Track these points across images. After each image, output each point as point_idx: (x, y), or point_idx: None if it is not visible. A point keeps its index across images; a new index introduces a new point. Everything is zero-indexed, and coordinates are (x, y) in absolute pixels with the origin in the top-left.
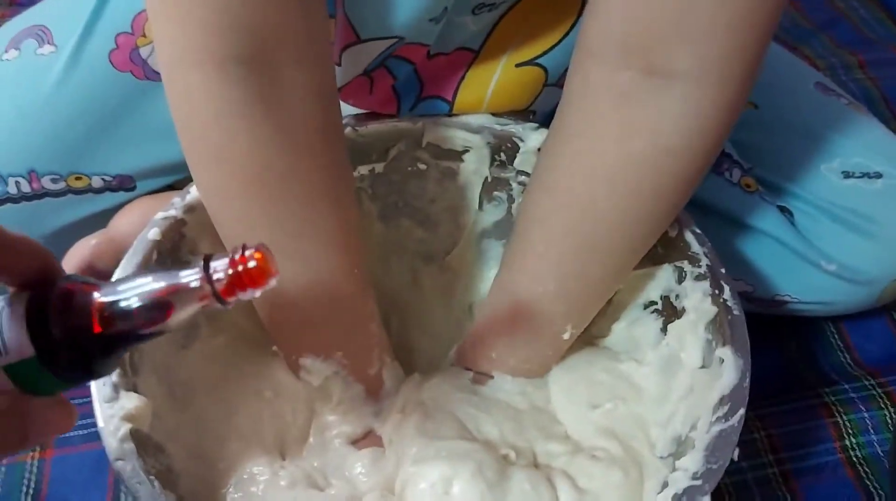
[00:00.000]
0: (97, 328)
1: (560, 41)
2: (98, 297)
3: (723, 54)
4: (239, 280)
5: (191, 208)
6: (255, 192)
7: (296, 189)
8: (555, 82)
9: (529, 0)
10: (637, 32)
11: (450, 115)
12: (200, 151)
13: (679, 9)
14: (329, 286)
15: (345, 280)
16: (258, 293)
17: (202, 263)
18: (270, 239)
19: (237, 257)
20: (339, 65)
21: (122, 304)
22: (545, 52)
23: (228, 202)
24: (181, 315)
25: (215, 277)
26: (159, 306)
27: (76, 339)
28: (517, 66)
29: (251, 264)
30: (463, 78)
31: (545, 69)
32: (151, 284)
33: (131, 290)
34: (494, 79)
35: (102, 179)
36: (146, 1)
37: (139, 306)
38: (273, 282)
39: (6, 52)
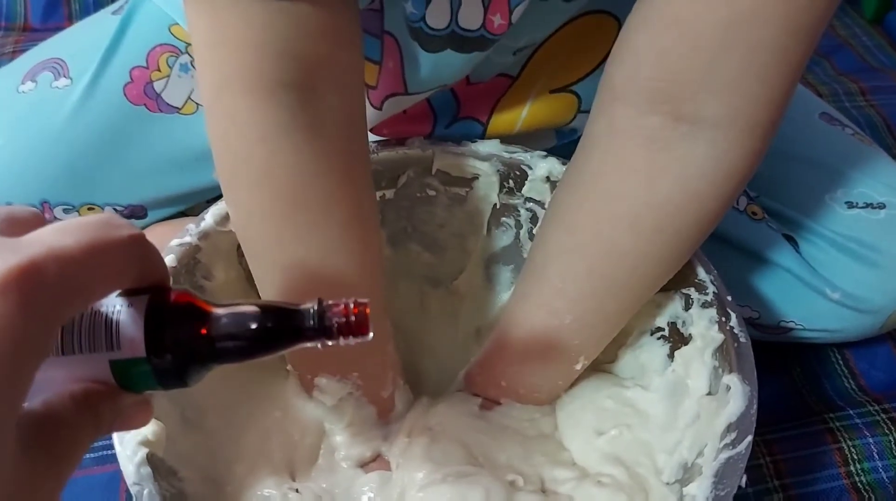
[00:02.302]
0: (207, 342)
1: (594, 69)
2: (214, 313)
3: (751, 103)
4: (348, 327)
5: (205, 235)
6: (294, 214)
7: (333, 212)
8: (589, 109)
9: (566, 31)
10: (666, 80)
11: (459, 142)
12: (242, 173)
13: (709, 59)
14: None
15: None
16: (353, 342)
17: (318, 304)
18: (303, 259)
19: (351, 306)
20: (380, 109)
21: (236, 324)
22: (579, 80)
23: (266, 224)
24: (283, 347)
25: (330, 320)
26: (267, 334)
27: (185, 348)
28: (551, 91)
29: (361, 316)
30: (498, 101)
31: (578, 96)
32: (266, 312)
33: (246, 314)
34: (528, 103)
35: (114, 208)
36: (192, 27)
37: (250, 330)
38: (370, 336)
39: (23, 83)
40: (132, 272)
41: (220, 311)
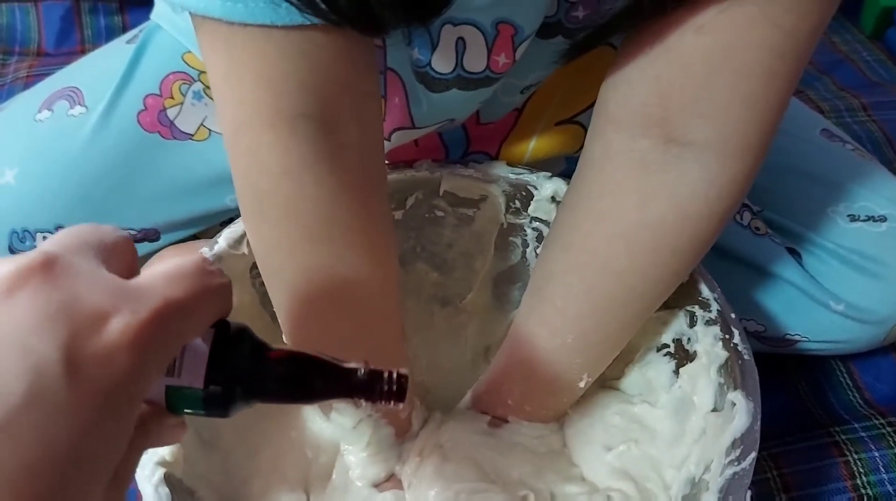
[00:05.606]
0: (260, 381)
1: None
2: (272, 355)
3: (740, 127)
4: (390, 394)
5: (219, 258)
6: (319, 245)
7: (355, 243)
8: None
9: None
10: (657, 104)
11: (466, 164)
12: (266, 207)
13: (698, 84)
14: (375, 332)
15: (388, 325)
16: (393, 407)
17: (364, 366)
18: (327, 289)
19: (394, 375)
20: (389, 140)
21: (289, 370)
22: (584, 111)
23: (290, 256)
24: (324, 398)
25: (375, 385)
26: (315, 385)
27: (238, 383)
28: (556, 124)
29: (402, 387)
30: (507, 136)
31: (584, 127)
32: (319, 365)
33: (301, 363)
34: (535, 137)
35: (128, 232)
36: (209, 65)
37: (301, 378)
38: (402, 406)
39: (39, 112)
40: (218, 316)
41: (276, 354)
